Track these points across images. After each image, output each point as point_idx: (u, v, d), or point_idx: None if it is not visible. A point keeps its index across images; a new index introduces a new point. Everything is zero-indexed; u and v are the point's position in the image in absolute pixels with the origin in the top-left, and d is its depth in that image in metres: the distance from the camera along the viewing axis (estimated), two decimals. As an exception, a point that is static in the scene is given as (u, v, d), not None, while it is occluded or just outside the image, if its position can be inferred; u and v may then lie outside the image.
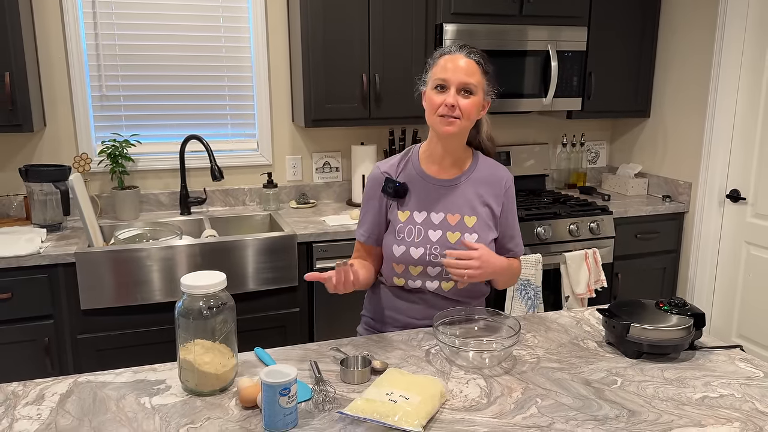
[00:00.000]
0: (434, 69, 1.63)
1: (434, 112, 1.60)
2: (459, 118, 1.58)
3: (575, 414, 1.25)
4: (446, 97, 1.57)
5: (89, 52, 2.84)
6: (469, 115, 1.60)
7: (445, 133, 1.60)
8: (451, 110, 1.57)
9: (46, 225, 2.63)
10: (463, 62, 1.59)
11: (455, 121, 1.58)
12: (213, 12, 2.97)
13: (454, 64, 1.59)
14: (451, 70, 1.58)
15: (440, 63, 1.61)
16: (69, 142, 2.88)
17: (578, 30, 3.12)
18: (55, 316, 2.38)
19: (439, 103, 1.59)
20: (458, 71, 1.58)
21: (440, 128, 1.60)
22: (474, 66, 1.60)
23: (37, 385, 1.36)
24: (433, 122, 1.62)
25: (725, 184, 3.08)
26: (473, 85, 1.59)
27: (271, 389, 1.18)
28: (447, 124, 1.59)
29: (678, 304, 1.57)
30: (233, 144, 3.14)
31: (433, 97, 1.61)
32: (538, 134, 3.66)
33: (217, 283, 1.32)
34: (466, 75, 1.58)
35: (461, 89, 1.58)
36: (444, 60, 1.61)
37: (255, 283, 2.56)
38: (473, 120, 1.64)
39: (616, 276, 3.17)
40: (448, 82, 1.58)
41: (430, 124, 1.64)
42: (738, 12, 2.91)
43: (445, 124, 1.59)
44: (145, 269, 2.40)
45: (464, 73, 1.58)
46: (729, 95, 2.99)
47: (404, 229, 1.67)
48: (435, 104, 1.60)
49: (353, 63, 2.86)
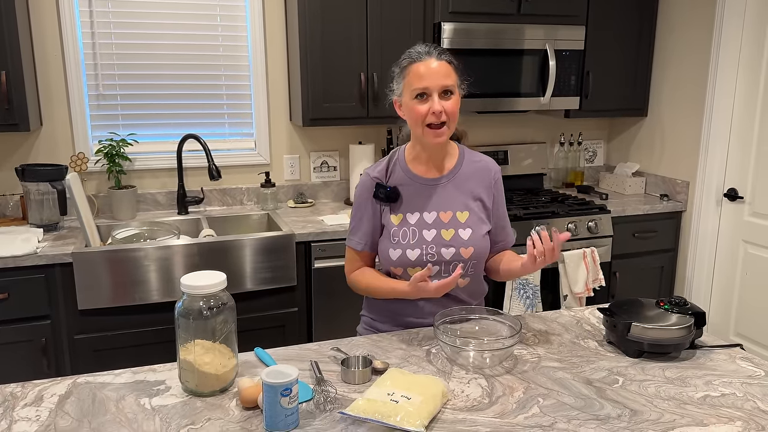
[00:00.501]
0: (408, 78, 1.59)
1: (421, 122, 1.58)
2: (446, 123, 1.58)
3: (577, 413, 1.25)
4: (431, 105, 1.56)
5: (86, 51, 2.82)
6: (454, 116, 1.60)
7: (435, 144, 1.61)
8: (438, 117, 1.56)
9: (42, 225, 2.61)
10: (436, 65, 1.57)
11: (444, 131, 1.58)
12: (210, 11, 2.96)
13: (429, 69, 1.56)
14: (428, 77, 1.56)
15: (413, 71, 1.58)
16: (65, 141, 2.86)
17: (576, 29, 3.12)
18: (52, 317, 2.37)
19: (425, 112, 1.57)
20: (435, 76, 1.56)
21: (431, 140, 1.60)
22: (447, 66, 1.58)
23: (36, 386, 1.35)
24: (420, 134, 1.60)
25: (723, 182, 3.09)
26: (452, 86, 1.58)
27: (272, 390, 1.17)
28: (436, 136, 1.58)
29: (678, 303, 1.57)
30: (230, 143, 3.13)
31: (416, 108, 1.57)
32: (536, 133, 3.66)
33: (217, 283, 1.31)
34: (444, 78, 1.57)
35: (441, 92, 1.57)
36: (416, 67, 1.57)
37: (253, 282, 2.55)
38: (456, 120, 1.63)
39: (614, 275, 3.18)
40: (429, 90, 1.56)
41: (417, 135, 1.63)
42: (735, 11, 2.91)
43: (434, 136, 1.58)
44: (143, 269, 2.39)
45: (442, 76, 1.56)
46: (726, 94, 3.00)
47: (398, 233, 1.67)
48: (421, 114, 1.57)
49: (351, 62, 2.86)
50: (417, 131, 1.61)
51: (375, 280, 1.70)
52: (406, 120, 1.66)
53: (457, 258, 1.65)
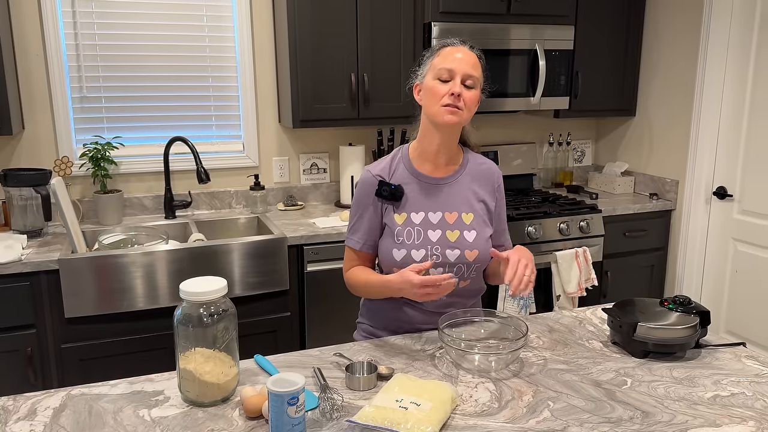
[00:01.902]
0: (436, 59, 1.59)
1: (437, 101, 1.56)
2: (462, 109, 1.56)
3: (589, 416, 1.23)
4: (452, 87, 1.55)
5: (69, 52, 2.75)
6: (471, 108, 1.58)
7: (447, 123, 1.56)
8: (456, 99, 1.54)
9: (26, 231, 2.54)
10: (467, 53, 1.58)
11: (458, 111, 1.56)
12: (197, 11, 2.91)
13: (460, 53, 1.57)
14: (457, 61, 1.56)
15: (443, 53, 1.59)
16: (49, 145, 2.79)
17: (565, 29, 3.11)
18: (38, 326, 2.30)
19: (445, 92, 1.55)
20: (463, 62, 1.56)
21: (443, 117, 1.56)
22: (476, 60, 1.60)
23: (28, 399, 1.30)
24: (435, 112, 1.57)
25: (712, 181, 3.11)
26: (476, 78, 1.57)
27: (278, 399, 1.13)
28: (450, 113, 1.55)
29: (683, 302, 1.56)
30: (218, 145, 3.08)
31: (436, 87, 1.57)
32: (525, 133, 3.65)
33: (218, 289, 1.27)
34: (471, 67, 1.57)
35: (465, 81, 1.56)
36: (447, 51, 1.59)
37: (244, 287, 2.50)
38: (472, 114, 1.61)
39: (605, 274, 3.18)
40: (453, 72, 1.55)
41: (431, 114, 1.59)
42: (723, 10, 2.93)
43: (448, 113, 1.55)
44: (131, 275, 2.33)
45: (470, 65, 1.57)
46: (714, 93, 3.02)
47: (403, 232, 1.63)
48: (439, 93, 1.56)
49: (341, 62, 2.82)
50: (432, 110, 1.58)
51: (368, 275, 1.66)
52: (421, 107, 1.63)
53: (461, 260, 1.62)
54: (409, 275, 1.48)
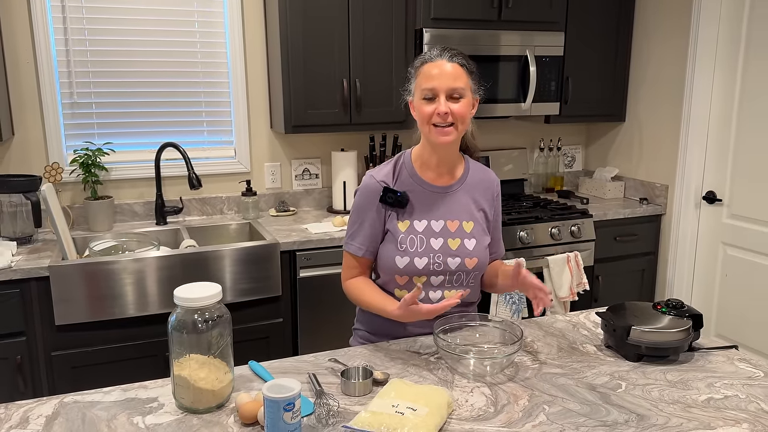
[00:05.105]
0: (418, 79, 1.59)
1: (427, 122, 1.57)
2: (453, 125, 1.56)
3: (584, 420, 1.23)
4: (437, 106, 1.54)
5: (59, 58, 2.74)
6: (463, 119, 1.58)
7: (441, 144, 1.57)
8: (444, 118, 1.54)
9: (16, 238, 2.52)
10: (447, 67, 1.55)
11: (451, 130, 1.56)
12: (188, 17, 2.90)
13: (439, 70, 1.55)
14: (437, 78, 1.54)
15: (424, 72, 1.57)
16: (39, 151, 2.77)
17: (555, 35, 3.14)
18: (28, 333, 2.28)
19: (431, 113, 1.55)
20: (444, 77, 1.54)
21: (436, 138, 1.57)
22: (459, 69, 1.57)
23: (20, 407, 1.28)
24: (427, 133, 1.58)
25: (701, 186, 3.13)
26: (461, 89, 1.56)
27: (274, 405, 1.13)
28: (443, 135, 1.56)
29: (675, 305, 1.57)
30: (210, 151, 3.07)
31: (423, 108, 1.57)
32: (515, 139, 3.67)
33: (212, 295, 1.27)
34: (453, 80, 1.55)
35: (450, 95, 1.55)
36: (427, 68, 1.56)
37: (236, 293, 2.49)
38: (468, 122, 1.62)
39: (596, 279, 3.19)
40: (436, 91, 1.54)
41: (425, 134, 1.60)
42: (711, 16, 2.96)
43: (440, 135, 1.56)
44: (122, 282, 2.32)
45: (451, 78, 1.55)
46: (703, 98, 3.05)
47: (406, 240, 1.63)
48: (427, 114, 1.56)
49: (333, 68, 2.82)
50: (424, 130, 1.59)
51: (367, 294, 1.64)
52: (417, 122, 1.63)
53: (461, 268, 1.62)
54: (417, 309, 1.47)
